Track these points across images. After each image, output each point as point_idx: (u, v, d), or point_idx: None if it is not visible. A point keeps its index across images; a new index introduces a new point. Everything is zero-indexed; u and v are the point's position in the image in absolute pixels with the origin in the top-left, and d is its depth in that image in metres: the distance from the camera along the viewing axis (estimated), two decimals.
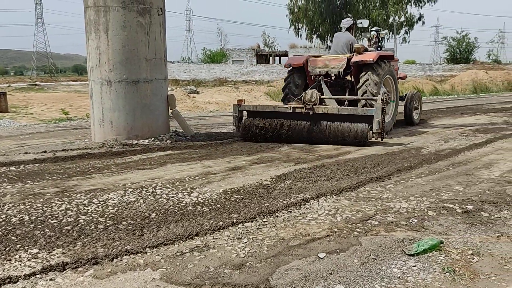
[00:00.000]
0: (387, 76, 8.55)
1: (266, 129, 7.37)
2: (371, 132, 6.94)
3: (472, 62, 43.86)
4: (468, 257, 2.85)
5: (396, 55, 13.84)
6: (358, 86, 8.21)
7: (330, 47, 10.15)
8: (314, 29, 41.97)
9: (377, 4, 39.10)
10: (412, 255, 2.86)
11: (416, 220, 3.54)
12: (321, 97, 7.49)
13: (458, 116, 11.79)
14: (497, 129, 8.81)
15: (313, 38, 43.29)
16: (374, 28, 10.05)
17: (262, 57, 57.51)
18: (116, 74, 6.93)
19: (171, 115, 7.84)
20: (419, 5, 38.30)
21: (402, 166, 5.47)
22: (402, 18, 38.57)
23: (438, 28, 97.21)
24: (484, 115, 11.82)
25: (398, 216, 3.64)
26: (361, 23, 9.55)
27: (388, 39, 38.50)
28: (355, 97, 8.10)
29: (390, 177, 4.94)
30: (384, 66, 8.29)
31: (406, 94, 10.02)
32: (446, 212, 3.76)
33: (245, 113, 7.76)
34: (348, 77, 8.96)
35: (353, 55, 8.44)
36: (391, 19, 38.37)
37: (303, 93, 7.47)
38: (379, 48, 9.51)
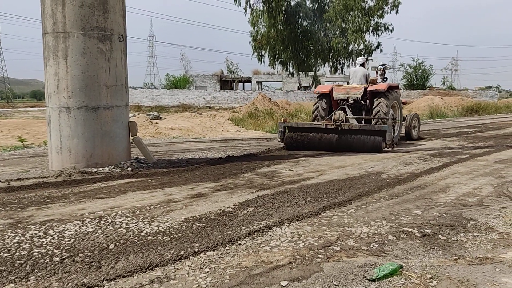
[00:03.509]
0: (394, 101, 10.75)
1: (304, 140, 9.54)
2: (384, 143, 9.05)
3: (428, 88, 45.62)
4: (427, 280, 2.90)
5: None
6: (373, 111, 10.27)
7: (292, 74, 14.00)
8: (276, 56, 42.79)
9: (337, 33, 40.32)
10: (373, 280, 2.88)
11: (376, 245, 3.59)
12: (346, 117, 9.72)
13: (415, 141, 12.14)
14: (453, 154, 9.12)
15: (275, 64, 44.14)
16: (381, 63, 12.46)
17: (226, 83, 57.87)
18: (75, 101, 6.80)
19: (133, 142, 7.73)
20: (377, 34, 39.75)
21: (363, 191, 5.56)
22: (361, 46, 39.87)
23: (395, 55, 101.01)
24: (440, 140, 12.24)
25: (359, 241, 3.67)
26: (371, 59, 12.42)
27: (348, 65, 39.77)
28: (372, 117, 10.16)
29: (352, 202, 5.00)
30: (392, 94, 10.54)
31: (407, 116, 12.20)
32: (405, 236, 3.83)
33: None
34: (363, 102, 10.87)
35: (368, 85, 10.63)
36: (350, 47, 39.57)
37: (333, 113, 9.83)
38: (385, 79, 11.88)
